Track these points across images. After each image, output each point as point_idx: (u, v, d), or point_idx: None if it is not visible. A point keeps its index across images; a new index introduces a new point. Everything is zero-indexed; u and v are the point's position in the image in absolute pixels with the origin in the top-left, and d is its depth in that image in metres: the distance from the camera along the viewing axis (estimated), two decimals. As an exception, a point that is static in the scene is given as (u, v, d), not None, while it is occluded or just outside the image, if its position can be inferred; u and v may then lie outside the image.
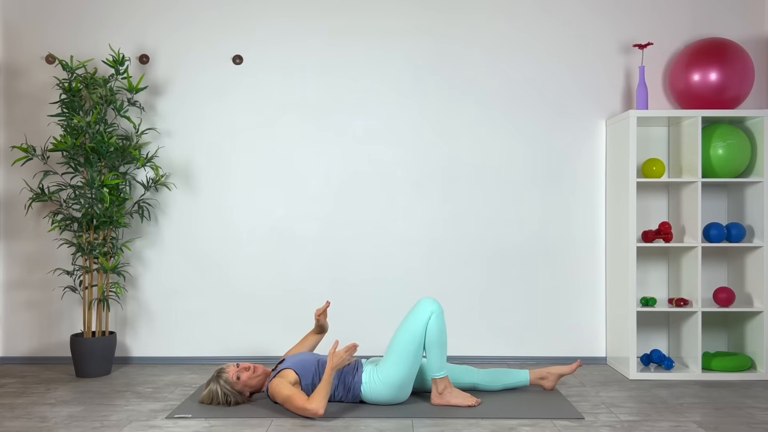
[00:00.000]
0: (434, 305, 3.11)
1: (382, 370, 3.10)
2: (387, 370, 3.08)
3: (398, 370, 3.07)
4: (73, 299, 4.12)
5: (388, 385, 3.09)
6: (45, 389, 3.53)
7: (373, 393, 3.11)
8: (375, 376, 3.11)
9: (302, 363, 3.14)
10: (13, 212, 4.11)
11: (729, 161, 3.73)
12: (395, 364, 3.07)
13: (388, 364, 3.09)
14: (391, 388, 3.09)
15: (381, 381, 3.09)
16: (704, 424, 2.93)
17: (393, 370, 3.07)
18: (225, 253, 4.10)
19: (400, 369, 3.07)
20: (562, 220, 4.09)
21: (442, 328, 3.10)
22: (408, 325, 3.09)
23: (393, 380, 3.08)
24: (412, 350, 3.07)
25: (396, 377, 3.07)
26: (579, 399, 3.32)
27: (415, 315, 3.10)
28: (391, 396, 3.11)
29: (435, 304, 3.11)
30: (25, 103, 4.10)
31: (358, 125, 4.10)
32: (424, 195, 4.09)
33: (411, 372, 3.09)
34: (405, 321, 3.12)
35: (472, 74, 4.09)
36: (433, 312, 3.09)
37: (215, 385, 3.15)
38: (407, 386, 3.12)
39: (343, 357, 2.96)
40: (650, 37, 4.09)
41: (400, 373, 3.07)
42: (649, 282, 4.07)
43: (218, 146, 4.10)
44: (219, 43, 4.10)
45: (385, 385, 3.09)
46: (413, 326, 3.08)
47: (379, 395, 3.11)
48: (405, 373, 3.08)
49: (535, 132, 4.09)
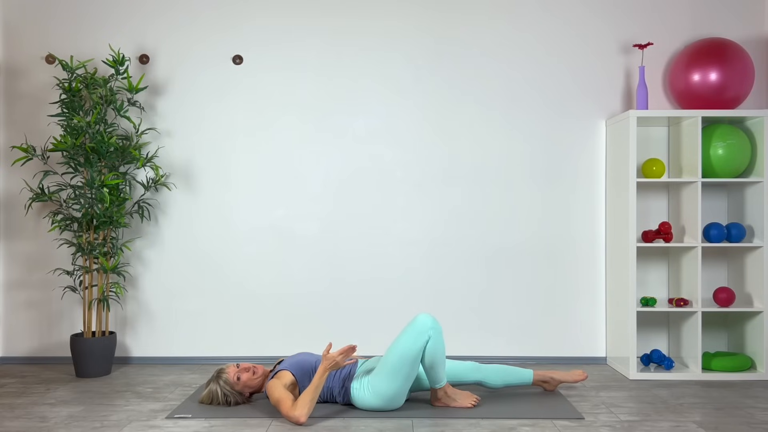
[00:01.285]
0: (432, 325, 3.00)
1: (374, 382, 3.04)
2: (379, 384, 3.02)
3: (390, 386, 3.01)
4: (73, 299, 4.12)
5: (378, 397, 3.04)
6: (45, 389, 3.53)
7: (364, 401, 3.07)
8: (366, 386, 3.06)
9: (300, 364, 3.13)
10: (13, 212, 4.11)
11: (729, 161, 3.73)
12: (387, 380, 3.01)
13: (381, 377, 3.02)
14: (382, 400, 3.04)
15: (372, 392, 3.04)
16: (704, 424, 2.93)
17: (385, 385, 3.01)
18: (225, 253, 4.10)
19: (392, 385, 3.01)
20: (562, 220, 4.09)
21: (440, 348, 3.02)
22: (404, 344, 2.98)
23: (384, 393, 3.03)
24: (406, 370, 2.99)
25: (387, 391, 3.02)
26: (579, 399, 3.32)
27: (412, 335, 2.98)
28: (382, 405, 3.06)
29: (433, 324, 3.00)
30: (25, 103, 4.11)
31: (358, 125, 4.10)
32: (424, 195, 4.09)
33: (403, 387, 3.03)
34: (402, 337, 3.01)
35: (472, 74, 4.09)
36: (431, 336, 2.99)
37: (215, 386, 3.15)
38: (399, 399, 3.06)
39: (336, 360, 2.92)
40: (650, 37, 4.09)
41: (392, 388, 3.02)
42: (649, 282, 4.07)
43: (218, 146, 4.10)
44: (219, 43, 4.10)
45: (375, 396, 3.04)
46: (409, 347, 2.97)
47: (369, 404, 3.06)
48: (396, 388, 3.02)
49: (535, 132, 4.09)
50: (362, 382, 3.08)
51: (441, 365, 3.06)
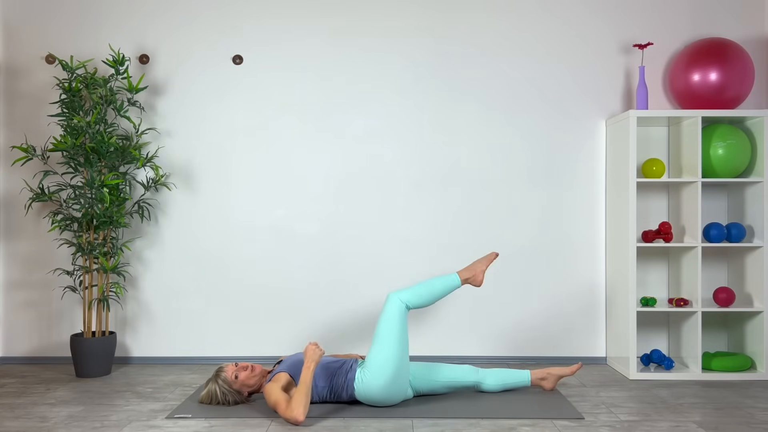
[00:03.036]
0: (398, 294, 3.16)
1: (369, 363, 3.06)
2: (374, 361, 3.04)
3: (385, 356, 3.02)
4: (73, 299, 4.12)
5: (378, 377, 3.02)
6: (45, 389, 3.53)
7: (366, 389, 3.05)
8: (365, 370, 3.07)
9: (297, 364, 3.13)
10: (13, 212, 4.11)
11: (729, 161, 3.73)
12: (380, 351, 3.04)
13: (373, 353, 3.06)
14: (383, 379, 3.02)
15: (371, 374, 3.04)
16: (704, 424, 2.93)
17: (380, 358, 3.03)
18: (225, 253, 4.10)
19: (387, 354, 3.02)
20: (562, 219, 4.09)
21: (421, 291, 3.18)
22: (384, 315, 3.12)
23: (382, 370, 3.02)
24: (396, 334, 3.06)
25: (385, 366, 3.01)
26: (579, 399, 3.32)
27: (387, 305, 3.14)
28: (385, 388, 3.03)
29: (398, 293, 3.16)
30: (25, 103, 4.11)
31: (358, 125, 4.10)
32: (424, 195, 4.09)
33: (400, 358, 3.03)
34: (380, 316, 3.18)
35: (472, 74, 4.09)
36: (402, 298, 3.14)
37: (214, 385, 3.15)
38: (400, 378, 3.05)
39: (315, 350, 2.99)
40: (650, 37, 4.09)
41: (389, 360, 3.01)
42: (649, 282, 4.07)
43: (218, 146, 4.10)
44: (219, 43, 4.10)
45: (375, 378, 3.02)
46: (390, 312, 3.11)
47: (372, 391, 3.04)
48: (393, 359, 3.02)
49: (535, 132, 4.09)
50: (362, 372, 3.09)
51: (436, 292, 3.20)
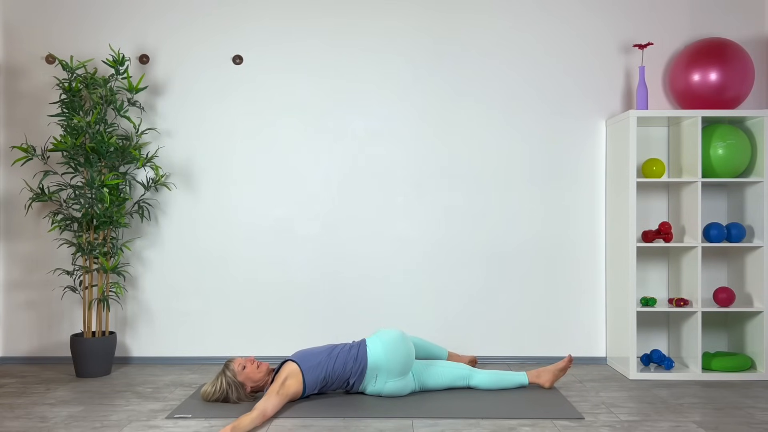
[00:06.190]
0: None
1: (382, 382, 3.29)
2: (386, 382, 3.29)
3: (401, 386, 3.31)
4: (73, 299, 4.12)
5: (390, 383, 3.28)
6: (45, 389, 3.53)
7: (376, 356, 3.27)
8: (378, 381, 3.29)
9: (308, 356, 3.22)
10: (13, 212, 4.11)
11: (729, 161, 3.73)
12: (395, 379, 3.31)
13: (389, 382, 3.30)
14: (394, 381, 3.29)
15: (383, 383, 3.28)
16: (704, 424, 2.93)
17: (393, 382, 3.29)
18: (225, 252, 4.10)
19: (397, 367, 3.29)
20: (562, 219, 4.09)
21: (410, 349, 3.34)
22: (448, 368, 3.41)
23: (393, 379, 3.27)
24: (402, 354, 3.29)
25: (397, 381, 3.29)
26: (579, 399, 3.32)
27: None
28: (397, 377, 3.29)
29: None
30: (25, 103, 4.11)
31: (357, 125, 4.10)
32: (424, 195, 4.09)
33: (406, 359, 3.28)
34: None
35: (471, 74, 4.09)
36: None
37: (221, 376, 3.21)
38: (409, 355, 3.29)
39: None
40: (650, 37, 4.09)
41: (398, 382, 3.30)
42: (649, 282, 4.07)
43: (218, 146, 4.10)
44: (219, 44, 4.10)
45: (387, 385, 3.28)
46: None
47: (381, 383, 3.28)
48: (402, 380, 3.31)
49: (534, 132, 4.09)
50: (375, 380, 3.28)
51: (429, 353, 3.66)
